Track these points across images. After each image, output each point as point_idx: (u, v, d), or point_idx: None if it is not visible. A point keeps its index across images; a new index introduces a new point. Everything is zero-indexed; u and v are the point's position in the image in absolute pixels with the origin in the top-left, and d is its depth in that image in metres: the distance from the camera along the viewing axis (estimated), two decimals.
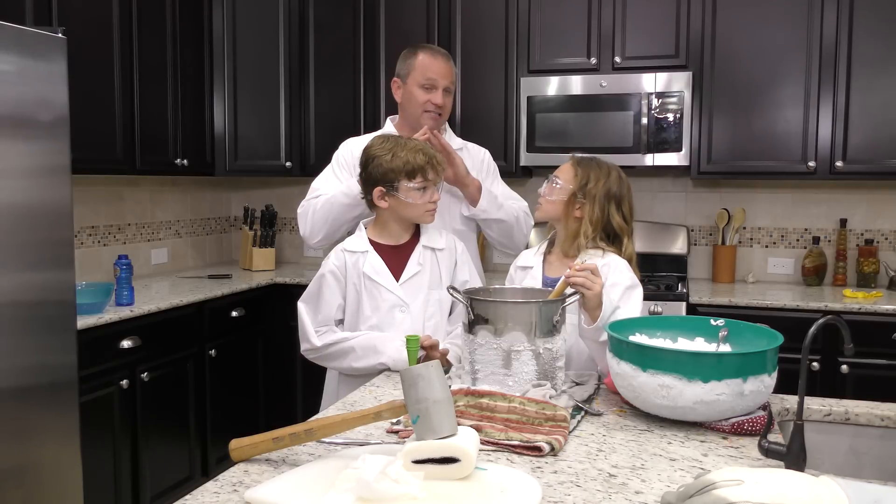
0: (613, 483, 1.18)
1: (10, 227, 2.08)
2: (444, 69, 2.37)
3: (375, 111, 3.69)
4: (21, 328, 2.12)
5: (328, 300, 1.99)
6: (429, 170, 1.97)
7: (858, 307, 2.94)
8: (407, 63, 2.39)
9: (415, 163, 1.95)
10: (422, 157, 1.97)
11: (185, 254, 4.05)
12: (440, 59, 2.38)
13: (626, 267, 1.89)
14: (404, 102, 2.41)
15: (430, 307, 2.01)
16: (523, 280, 1.98)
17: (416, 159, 1.96)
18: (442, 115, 2.39)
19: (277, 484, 1.14)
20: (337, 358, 1.98)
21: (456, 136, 2.54)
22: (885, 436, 1.54)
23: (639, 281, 1.89)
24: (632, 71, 3.35)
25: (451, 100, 2.42)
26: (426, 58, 2.37)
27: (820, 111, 3.19)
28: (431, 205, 2.00)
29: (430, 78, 2.34)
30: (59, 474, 2.25)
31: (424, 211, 1.99)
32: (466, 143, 2.51)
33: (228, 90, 3.73)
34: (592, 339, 1.73)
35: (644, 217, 3.70)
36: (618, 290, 1.81)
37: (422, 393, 1.18)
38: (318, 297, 2.01)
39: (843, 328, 1.31)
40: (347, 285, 2.00)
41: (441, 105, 2.36)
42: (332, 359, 2.00)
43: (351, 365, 1.96)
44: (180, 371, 3.06)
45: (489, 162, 2.53)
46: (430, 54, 2.38)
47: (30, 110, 2.13)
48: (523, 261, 2.03)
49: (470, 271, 2.11)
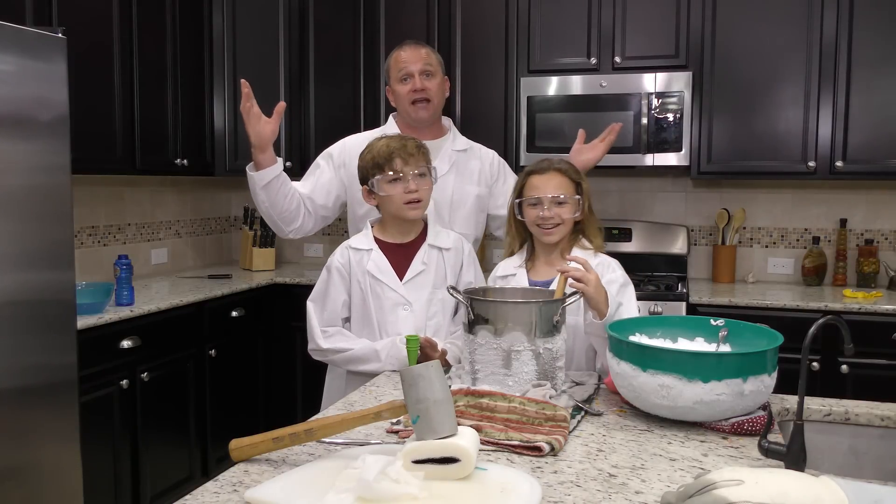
0: (613, 483, 1.18)
1: (11, 228, 2.08)
2: (414, 55, 2.35)
3: (375, 111, 3.69)
4: (21, 328, 2.12)
5: (333, 297, 2.00)
6: (396, 159, 1.90)
7: (858, 307, 2.94)
8: (386, 67, 2.43)
9: (380, 156, 1.92)
10: (385, 149, 1.92)
11: (185, 254, 4.05)
12: (408, 48, 2.37)
13: (617, 265, 1.94)
14: (395, 103, 2.43)
15: (433, 306, 2.00)
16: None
17: (382, 151, 1.92)
18: (430, 99, 2.33)
19: (277, 484, 1.14)
20: (340, 363, 2.01)
21: (461, 135, 2.51)
22: (885, 436, 1.54)
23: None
24: (632, 71, 3.35)
25: (435, 82, 2.36)
26: (396, 53, 2.39)
27: (820, 111, 3.19)
28: (408, 195, 1.92)
29: (402, 69, 2.34)
30: (59, 474, 2.25)
31: (402, 203, 1.93)
32: (472, 145, 2.48)
33: (228, 90, 3.73)
34: (599, 335, 1.74)
35: (644, 217, 3.70)
36: (613, 288, 1.85)
37: (422, 393, 1.18)
38: (325, 294, 2.01)
39: (843, 328, 1.31)
40: (352, 282, 2.00)
41: (423, 88, 2.32)
42: (335, 362, 2.04)
43: (355, 368, 1.98)
44: (180, 371, 3.06)
45: (499, 163, 2.50)
46: (399, 48, 2.39)
47: (30, 110, 2.13)
48: (503, 270, 2.01)
49: (476, 274, 2.09)
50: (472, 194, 2.39)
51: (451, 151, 2.40)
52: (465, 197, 2.36)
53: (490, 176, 2.45)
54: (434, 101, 2.36)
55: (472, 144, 2.47)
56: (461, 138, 2.48)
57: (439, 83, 2.38)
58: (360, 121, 3.70)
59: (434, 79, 2.36)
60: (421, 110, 2.34)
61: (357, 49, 3.73)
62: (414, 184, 1.92)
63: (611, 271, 1.91)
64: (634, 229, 3.61)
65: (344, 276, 2.00)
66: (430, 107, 2.35)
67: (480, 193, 2.42)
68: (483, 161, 2.45)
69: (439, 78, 2.39)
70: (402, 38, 3.62)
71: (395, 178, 1.91)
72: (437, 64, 2.40)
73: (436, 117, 2.42)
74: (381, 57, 3.68)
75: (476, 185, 2.41)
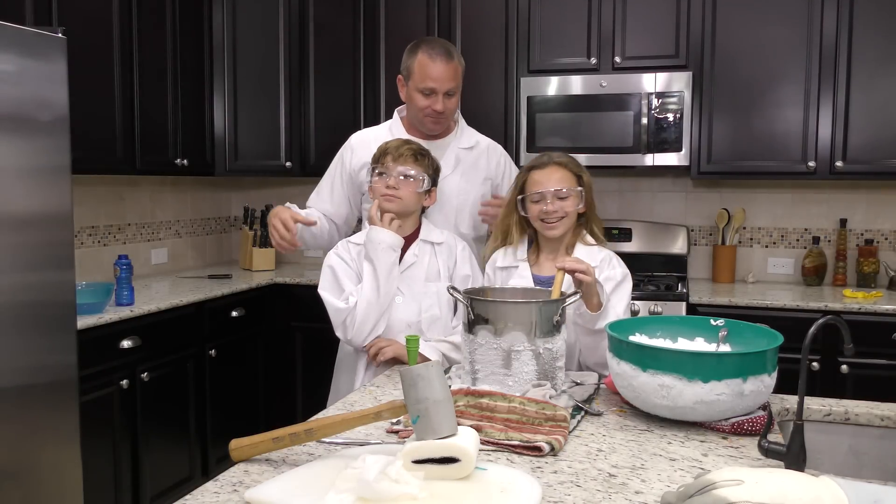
0: (613, 483, 1.18)
1: (11, 228, 2.08)
2: (443, 74, 2.22)
3: (375, 111, 3.69)
4: (21, 328, 2.12)
5: (344, 281, 2.03)
6: (387, 156, 2.01)
7: (858, 307, 2.94)
8: (408, 63, 2.28)
9: (378, 151, 2.05)
10: (383, 146, 2.05)
11: (185, 254, 4.05)
12: (439, 63, 2.22)
13: (619, 261, 1.95)
14: (407, 103, 2.35)
15: (427, 299, 2.04)
16: (508, 281, 1.98)
17: (380, 148, 2.06)
18: (445, 115, 2.29)
19: (277, 484, 1.14)
20: (365, 304, 1.96)
21: (468, 126, 2.43)
22: (885, 436, 1.54)
23: (627, 270, 1.96)
24: (632, 71, 3.35)
25: (455, 100, 2.28)
26: (425, 60, 2.23)
27: (820, 111, 3.19)
28: (386, 190, 2.00)
29: (427, 84, 2.22)
30: (59, 474, 2.25)
31: (380, 195, 2.02)
32: (479, 141, 2.41)
33: (228, 90, 3.73)
34: (587, 327, 1.76)
35: (644, 217, 3.70)
36: (609, 285, 1.87)
37: (422, 393, 1.18)
38: (335, 281, 2.04)
39: (843, 328, 1.31)
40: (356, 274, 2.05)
41: (441, 111, 2.25)
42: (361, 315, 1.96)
43: (374, 291, 1.96)
44: (180, 371, 3.06)
45: (505, 161, 2.44)
46: (429, 56, 2.23)
47: (30, 110, 2.13)
48: (501, 262, 2.02)
49: (472, 267, 2.12)
50: (476, 194, 2.36)
51: (457, 150, 2.35)
52: (469, 197, 2.34)
53: (495, 175, 2.41)
54: (449, 117, 2.31)
55: (478, 140, 2.41)
56: (468, 134, 2.40)
57: (458, 98, 2.31)
58: (360, 120, 3.70)
59: (455, 96, 2.28)
60: (434, 125, 2.29)
61: (357, 49, 3.73)
62: (394, 181, 1.99)
63: (611, 268, 1.92)
64: (634, 229, 3.61)
65: (350, 266, 2.05)
66: (443, 122, 2.31)
67: (485, 193, 2.39)
68: (490, 159, 2.40)
69: (459, 92, 2.30)
70: (402, 37, 3.64)
71: (381, 172, 2.02)
72: (461, 77, 2.31)
73: (440, 128, 2.36)
74: (381, 57, 3.69)
75: (480, 185, 2.37)
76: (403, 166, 1.99)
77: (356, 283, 2.02)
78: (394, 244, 1.97)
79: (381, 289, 1.95)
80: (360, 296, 1.97)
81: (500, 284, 1.98)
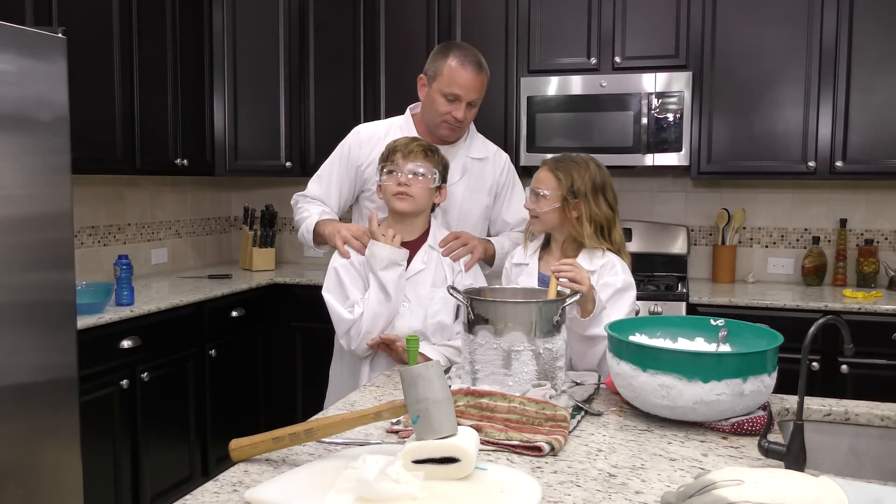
0: (613, 483, 1.18)
1: (11, 228, 2.08)
2: (472, 83, 2.17)
3: (376, 111, 3.68)
4: (21, 328, 2.12)
5: (350, 288, 1.99)
6: (397, 153, 1.97)
7: (858, 307, 2.94)
8: (436, 64, 2.20)
9: (386, 149, 2.02)
10: (392, 144, 2.01)
11: (185, 254, 4.05)
12: (470, 71, 2.17)
13: (623, 269, 1.90)
14: (425, 104, 2.26)
15: (434, 304, 2.01)
16: (519, 276, 1.99)
17: (389, 145, 2.02)
18: (463, 125, 2.24)
19: (277, 484, 1.14)
20: (370, 316, 1.95)
21: (478, 134, 2.38)
22: (885, 436, 1.54)
23: (632, 279, 1.91)
24: (632, 71, 3.35)
25: (474, 112, 2.25)
26: (456, 65, 2.17)
27: (820, 111, 3.19)
28: (396, 188, 1.95)
29: (454, 91, 2.16)
30: (59, 474, 2.25)
31: (391, 195, 1.97)
32: (489, 151, 2.35)
33: (228, 90, 3.73)
34: (578, 332, 1.76)
35: (644, 217, 3.70)
36: (607, 292, 1.84)
37: (422, 393, 1.18)
38: (340, 285, 2.00)
39: (843, 328, 1.31)
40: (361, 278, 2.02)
41: (461, 120, 2.20)
42: (366, 327, 1.96)
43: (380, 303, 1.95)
44: (180, 371, 3.06)
45: (509, 172, 2.39)
46: (460, 62, 2.17)
47: (30, 110, 2.13)
48: (518, 258, 2.04)
49: (474, 275, 2.11)
50: (481, 204, 2.33)
51: (465, 158, 2.30)
52: (474, 207, 2.31)
53: (500, 185, 2.37)
54: (465, 127, 2.28)
55: (488, 151, 2.36)
56: (478, 142, 2.36)
57: (477, 110, 2.27)
58: (361, 120, 3.69)
59: (476, 108, 2.25)
60: (449, 131, 2.25)
61: (357, 49, 3.73)
62: (405, 178, 1.95)
63: (611, 274, 1.87)
64: (634, 229, 3.61)
65: (358, 268, 2.01)
66: (458, 131, 2.27)
67: (490, 203, 2.36)
68: (496, 169, 2.36)
69: (479, 104, 2.27)
70: (402, 37, 3.66)
71: (391, 170, 1.97)
72: (485, 91, 2.27)
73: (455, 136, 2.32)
74: (381, 57, 3.69)
75: (486, 195, 2.34)
76: (414, 163, 1.95)
77: (362, 290, 1.99)
78: (397, 259, 1.94)
79: (387, 301, 1.94)
80: (366, 307, 1.95)
81: (514, 280, 1.99)
